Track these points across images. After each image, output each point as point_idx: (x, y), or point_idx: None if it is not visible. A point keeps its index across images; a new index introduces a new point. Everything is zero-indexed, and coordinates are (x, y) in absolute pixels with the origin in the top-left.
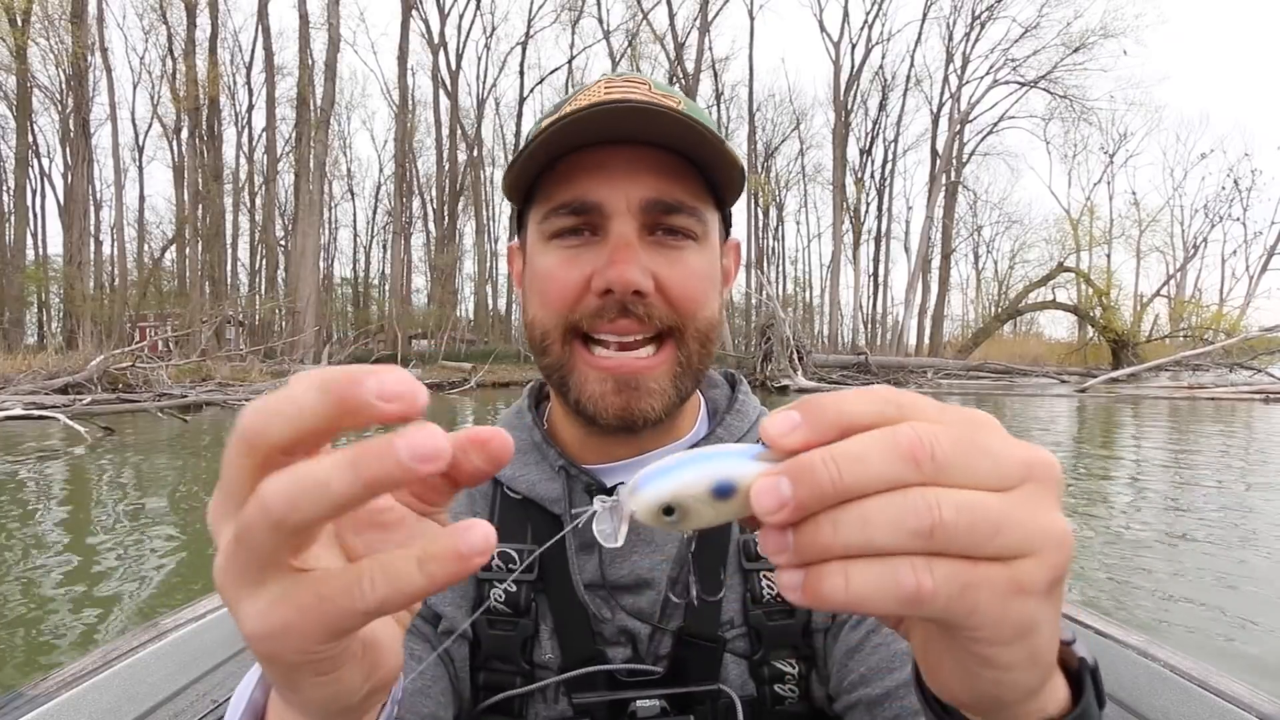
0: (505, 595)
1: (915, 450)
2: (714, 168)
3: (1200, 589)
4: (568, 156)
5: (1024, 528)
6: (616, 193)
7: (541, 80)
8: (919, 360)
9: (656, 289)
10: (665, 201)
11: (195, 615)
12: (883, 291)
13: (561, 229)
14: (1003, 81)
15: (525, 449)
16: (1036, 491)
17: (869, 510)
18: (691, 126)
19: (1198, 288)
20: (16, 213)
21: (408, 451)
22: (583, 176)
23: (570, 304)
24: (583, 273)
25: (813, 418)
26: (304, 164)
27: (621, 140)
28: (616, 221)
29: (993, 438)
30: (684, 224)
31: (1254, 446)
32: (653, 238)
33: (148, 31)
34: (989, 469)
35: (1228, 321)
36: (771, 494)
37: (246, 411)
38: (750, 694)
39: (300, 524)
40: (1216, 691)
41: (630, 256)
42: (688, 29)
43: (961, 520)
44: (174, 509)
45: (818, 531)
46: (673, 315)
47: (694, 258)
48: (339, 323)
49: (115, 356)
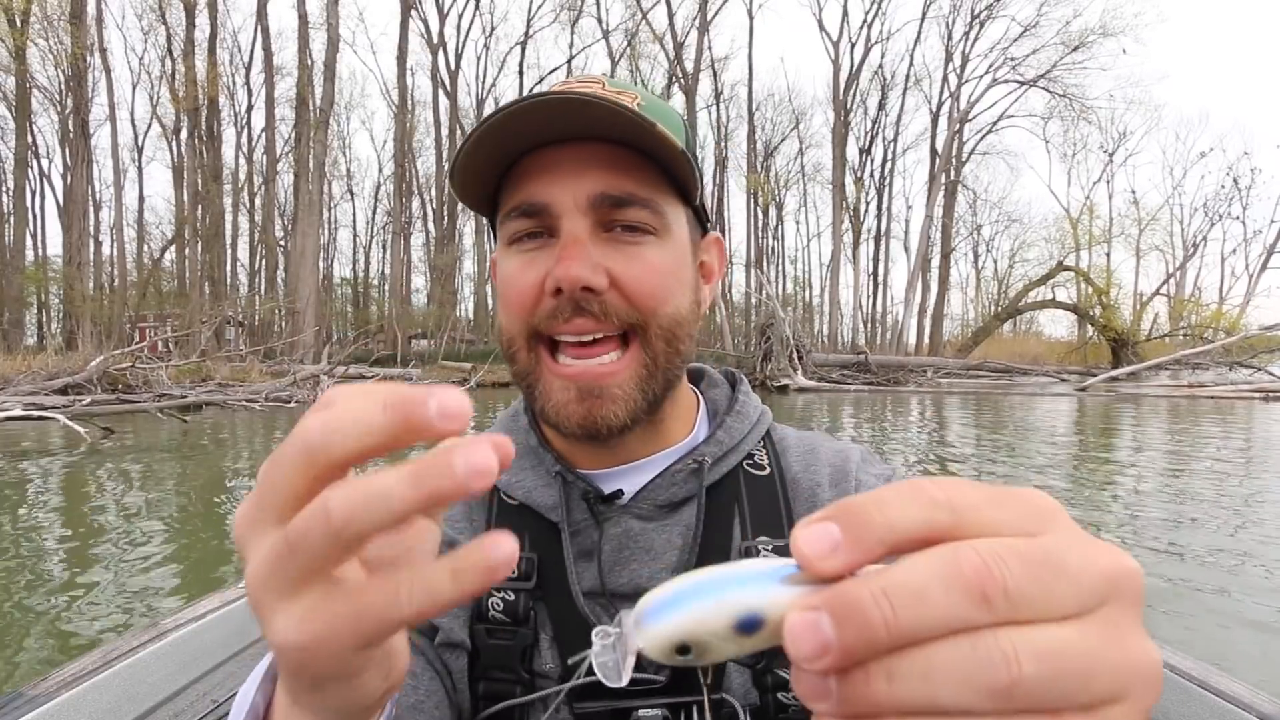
0: (504, 604)
1: (985, 583)
2: (662, 156)
3: (1200, 589)
4: (519, 161)
5: (1116, 671)
6: (564, 191)
7: (541, 80)
8: (919, 359)
9: (613, 285)
10: (613, 195)
11: (195, 615)
12: (882, 291)
13: (519, 232)
14: (1002, 80)
15: (522, 453)
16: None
17: (933, 662)
18: (620, 113)
19: (1197, 286)
20: (16, 213)
21: (465, 468)
22: (532, 177)
23: (529, 308)
24: (538, 275)
25: (854, 533)
26: (303, 164)
27: (567, 139)
28: (566, 220)
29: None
30: (639, 218)
31: (1254, 446)
32: (609, 234)
33: (147, 32)
34: (1068, 595)
35: (1227, 320)
36: (811, 636)
37: (309, 426)
38: (754, 702)
39: (358, 534)
40: (1216, 691)
41: (577, 253)
42: (687, 28)
43: (1045, 672)
44: (174, 509)
45: (869, 685)
46: (632, 312)
47: (653, 252)
48: (339, 323)
49: (115, 357)
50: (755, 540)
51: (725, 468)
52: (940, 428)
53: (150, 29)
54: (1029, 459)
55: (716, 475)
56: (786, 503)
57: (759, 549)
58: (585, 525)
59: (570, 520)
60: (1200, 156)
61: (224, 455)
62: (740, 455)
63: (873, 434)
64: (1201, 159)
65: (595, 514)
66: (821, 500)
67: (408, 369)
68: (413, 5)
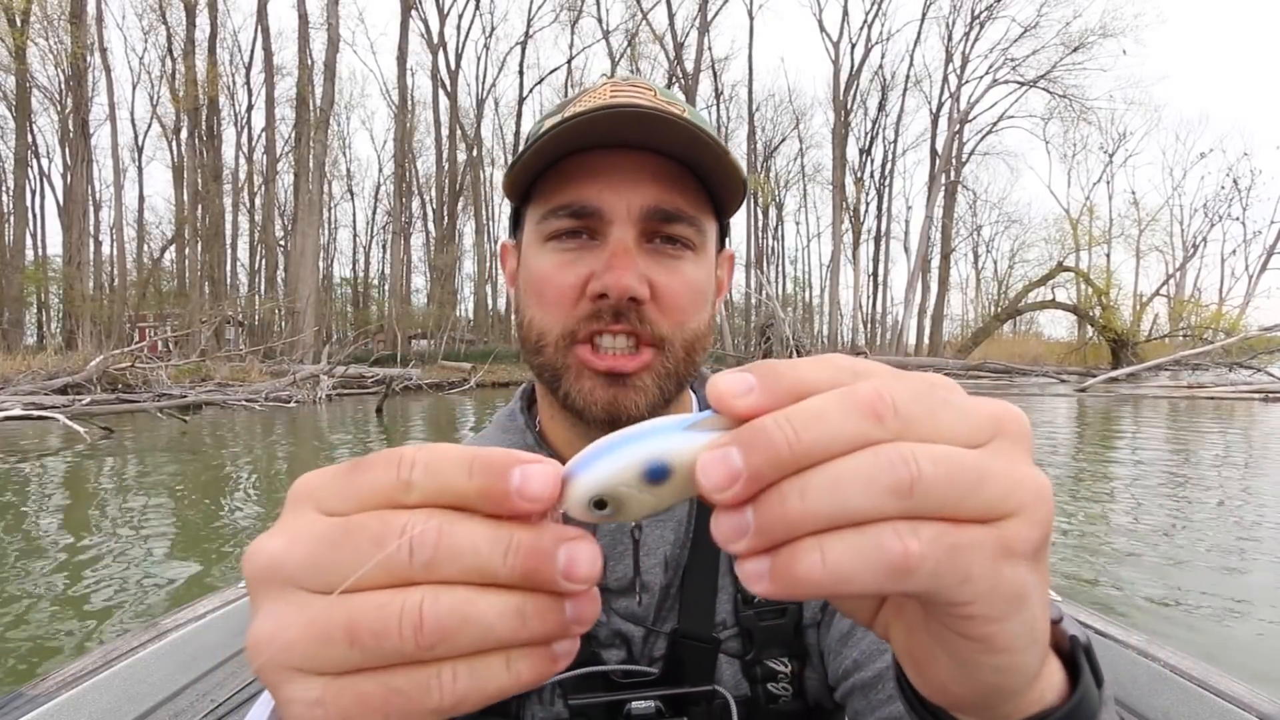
0: None
1: (876, 404)
2: (716, 178)
3: (1200, 588)
4: (570, 158)
5: (1007, 480)
6: (618, 198)
7: (541, 80)
8: (919, 360)
9: (651, 297)
10: (665, 210)
11: (195, 615)
12: (882, 291)
13: (559, 231)
14: (1002, 81)
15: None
16: (1010, 445)
17: (840, 471)
18: (696, 135)
19: (1197, 287)
20: (16, 213)
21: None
22: (584, 179)
23: (567, 308)
24: (579, 276)
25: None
26: (303, 164)
27: (625, 145)
28: (616, 227)
29: (952, 392)
30: (683, 233)
31: (1253, 445)
32: (650, 245)
33: (147, 32)
34: (957, 422)
35: (1227, 321)
36: (720, 466)
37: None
38: (744, 694)
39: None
40: (1216, 691)
41: (628, 263)
42: (687, 29)
43: (940, 473)
44: (173, 509)
45: (783, 502)
46: (664, 324)
47: (690, 268)
48: (338, 323)
49: (115, 357)
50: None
51: None
52: None
53: (150, 28)
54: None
55: None
56: None
57: None
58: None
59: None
60: (1200, 157)
61: (224, 455)
62: None
63: None
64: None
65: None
66: None
67: (407, 369)
68: (413, 5)
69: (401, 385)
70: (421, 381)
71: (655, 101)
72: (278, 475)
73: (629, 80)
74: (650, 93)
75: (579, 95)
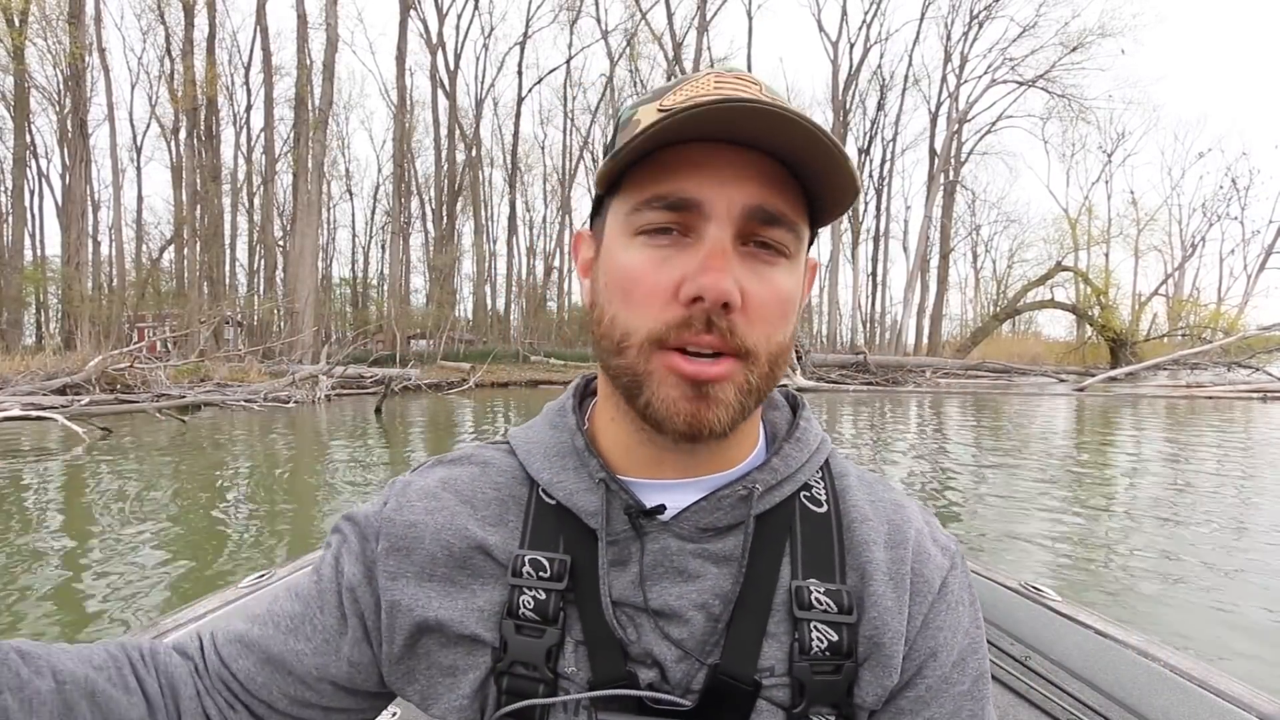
0: (534, 602)
1: None
2: (826, 183)
3: (1200, 587)
4: (668, 148)
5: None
6: (719, 194)
7: (540, 80)
8: (918, 359)
9: (741, 305)
10: (768, 211)
11: (195, 615)
12: (881, 291)
13: (652, 224)
14: (1001, 81)
15: (565, 453)
16: None
17: None
18: (815, 135)
19: (1196, 286)
20: (14, 213)
21: None
22: (685, 170)
23: (657, 310)
24: (672, 277)
25: None
26: (302, 164)
27: (731, 140)
28: (714, 225)
29: None
30: (780, 238)
31: (1252, 445)
32: (745, 248)
33: (145, 32)
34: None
35: (1226, 320)
36: None
37: None
38: None
39: None
40: (1216, 691)
41: (725, 264)
42: (686, 29)
43: None
44: (173, 510)
45: None
46: (752, 335)
47: (783, 276)
48: (338, 323)
49: (113, 357)
50: (806, 581)
51: (778, 497)
52: (939, 428)
53: (149, 29)
54: (1028, 458)
55: (768, 504)
56: (841, 546)
57: (810, 590)
58: (624, 536)
59: (609, 530)
60: (1199, 157)
61: (223, 455)
62: (795, 485)
63: (872, 434)
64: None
65: (636, 527)
66: (875, 559)
67: (406, 369)
68: (412, 5)
69: (400, 385)
70: (420, 382)
71: (765, 96)
72: (277, 476)
73: (734, 72)
74: (757, 87)
75: (679, 84)
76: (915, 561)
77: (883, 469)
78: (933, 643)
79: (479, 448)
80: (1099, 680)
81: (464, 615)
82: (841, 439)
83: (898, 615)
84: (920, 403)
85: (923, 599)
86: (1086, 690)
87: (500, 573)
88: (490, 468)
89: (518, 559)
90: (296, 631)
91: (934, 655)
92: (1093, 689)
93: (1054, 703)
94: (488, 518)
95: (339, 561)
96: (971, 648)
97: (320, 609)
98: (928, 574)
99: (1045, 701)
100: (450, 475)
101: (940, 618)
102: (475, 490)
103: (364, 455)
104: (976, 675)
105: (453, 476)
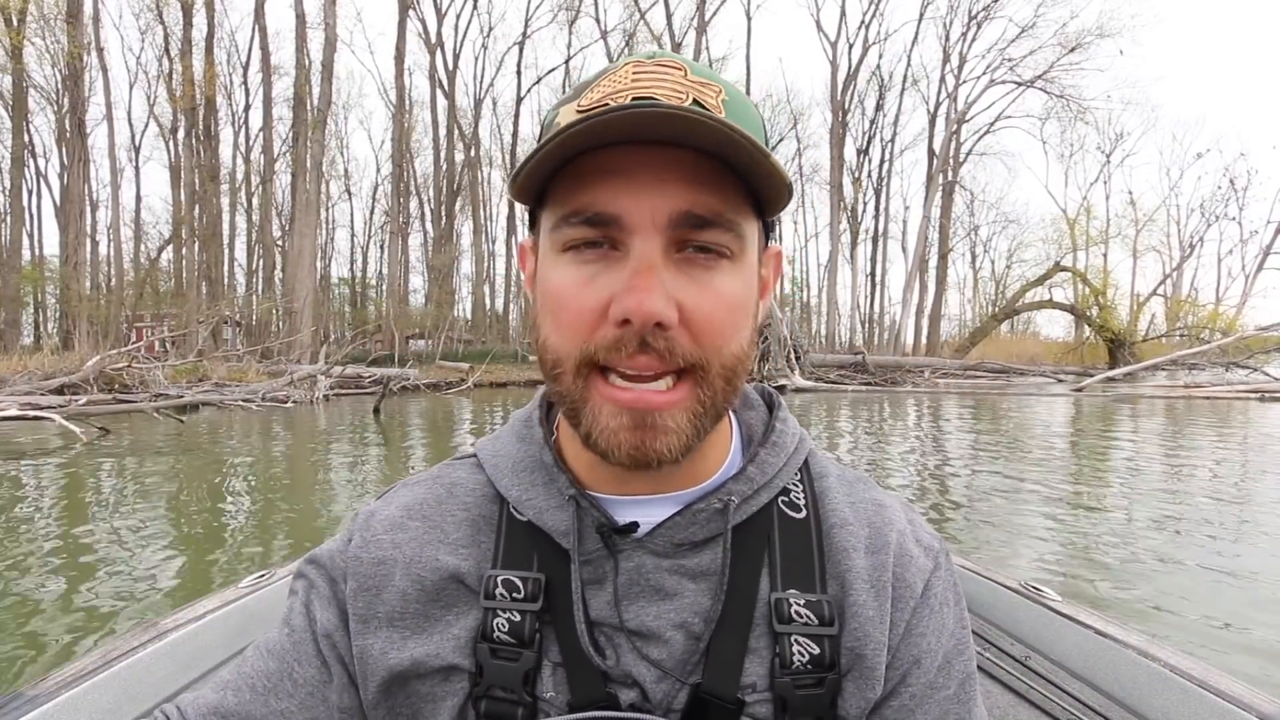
0: (509, 625)
1: None
2: (755, 180)
3: (1199, 587)
4: (587, 154)
5: None
6: (641, 204)
7: (539, 80)
8: (916, 360)
9: (681, 320)
10: (698, 215)
11: (195, 615)
12: (880, 291)
13: (576, 240)
14: (999, 81)
15: (533, 467)
16: None
17: None
18: (730, 136)
19: (1194, 287)
20: (12, 213)
21: None
22: (602, 182)
23: (586, 333)
24: (599, 298)
25: None
26: (301, 164)
27: (648, 140)
28: (639, 238)
29: None
30: (717, 240)
31: (1251, 445)
32: (681, 255)
33: (144, 31)
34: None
35: (1224, 320)
36: None
37: None
38: None
39: None
40: (1216, 691)
41: (652, 283)
42: (685, 29)
43: None
44: (171, 510)
45: None
46: (696, 351)
47: (726, 281)
48: (336, 323)
49: (111, 357)
50: (786, 593)
51: (755, 506)
52: (938, 428)
53: (147, 28)
54: (1026, 457)
55: (745, 514)
56: (821, 554)
57: (790, 602)
58: (597, 555)
59: (582, 549)
60: (1197, 157)
61: (221, 455)
62: (773, 492)
63: (871, 434)
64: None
65: (609, 545)
66: (856, 566)
67: (405, 369)
68: (410, 5)
69: (399, 385)
70: (419, 382)
71: (687, 84)
72: (276, 475)
73: (655, 59)
74: (680, 72)
75: (599, 77)
76: (897, 566)
77: (882, 469)
78: (916, 650)
79: (445, 466)
80: (1099, 680)
81: (439, 648)
82: (841, 439)
83: (879, 625)
84: (919, 402)
85: (905, 605)
86: (1087, 690)
87: (474, 598)
88: (458, 488)
89: (490, 580)
90: (276, 690)
91: (918, 662)
92: (1093, 689)
93: (1054, 703)
94: (459, 540)
95: (309, 609)
96: (957, 649)
97: (298, 661)
98: (910, 578)
99: (1045, 701)
100: (416, 500)
101: (924, 623)
102: (444, 514)
103: (362, 455)
104: (963, 677)
105: (418, 500)
